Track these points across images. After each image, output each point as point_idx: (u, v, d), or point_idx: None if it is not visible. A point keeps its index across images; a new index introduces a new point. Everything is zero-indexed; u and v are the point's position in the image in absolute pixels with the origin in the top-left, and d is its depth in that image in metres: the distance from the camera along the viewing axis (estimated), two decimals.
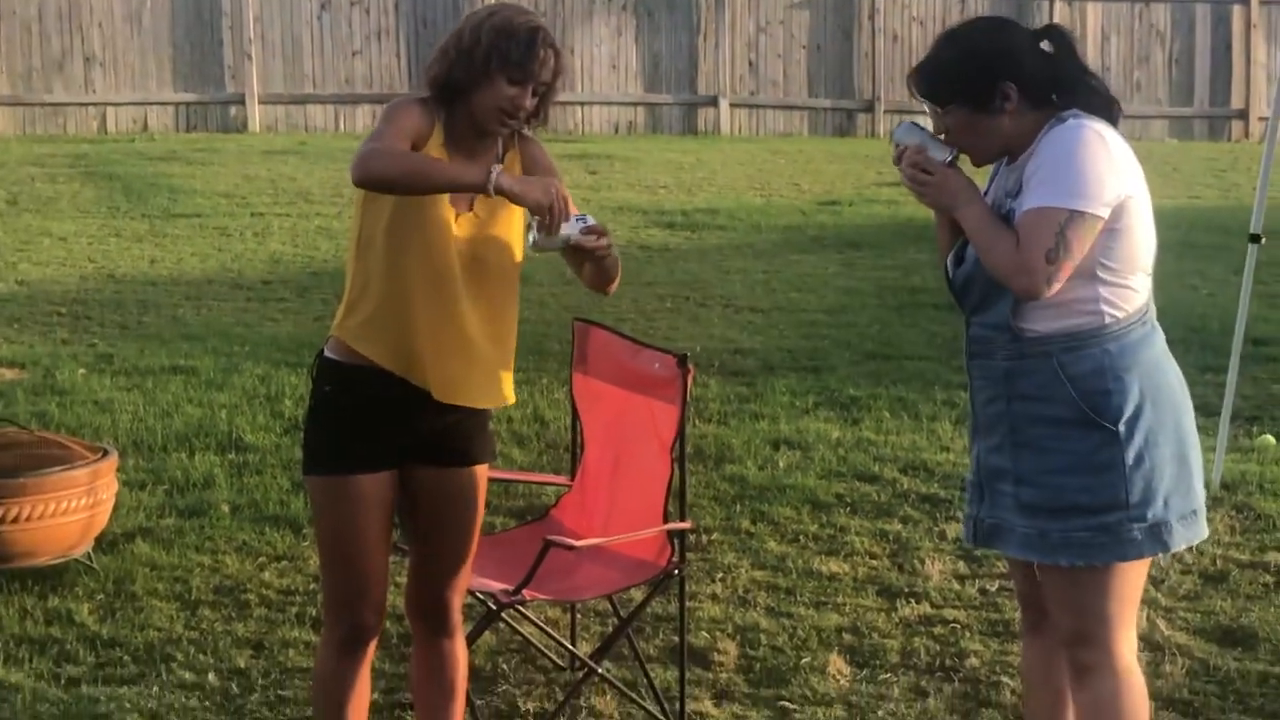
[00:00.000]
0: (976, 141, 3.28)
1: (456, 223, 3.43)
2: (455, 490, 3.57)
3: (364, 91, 18.55)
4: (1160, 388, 3.24)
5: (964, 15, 19.90)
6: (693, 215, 13.08)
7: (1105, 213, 3.12)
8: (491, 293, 3.51)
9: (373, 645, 3.62)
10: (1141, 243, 3.22)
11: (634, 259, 11.29)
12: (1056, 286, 3.13)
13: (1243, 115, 20.76)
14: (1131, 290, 3.22)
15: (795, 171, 16.01)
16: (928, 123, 3.36)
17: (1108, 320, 3.19)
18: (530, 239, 3.42)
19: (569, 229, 3.39)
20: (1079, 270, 3.14)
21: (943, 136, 3.30)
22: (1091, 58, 20.17)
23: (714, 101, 19.65)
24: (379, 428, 3.48)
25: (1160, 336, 3.30)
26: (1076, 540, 3.21)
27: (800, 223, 12.93)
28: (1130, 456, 3.18)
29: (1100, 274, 3.17)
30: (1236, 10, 20.73)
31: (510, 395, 3.62)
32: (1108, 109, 3.27)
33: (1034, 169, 3.17)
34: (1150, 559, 3.30)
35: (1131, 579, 3.29)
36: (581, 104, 19.46)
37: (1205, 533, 3.35)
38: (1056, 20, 20.04)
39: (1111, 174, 3.14)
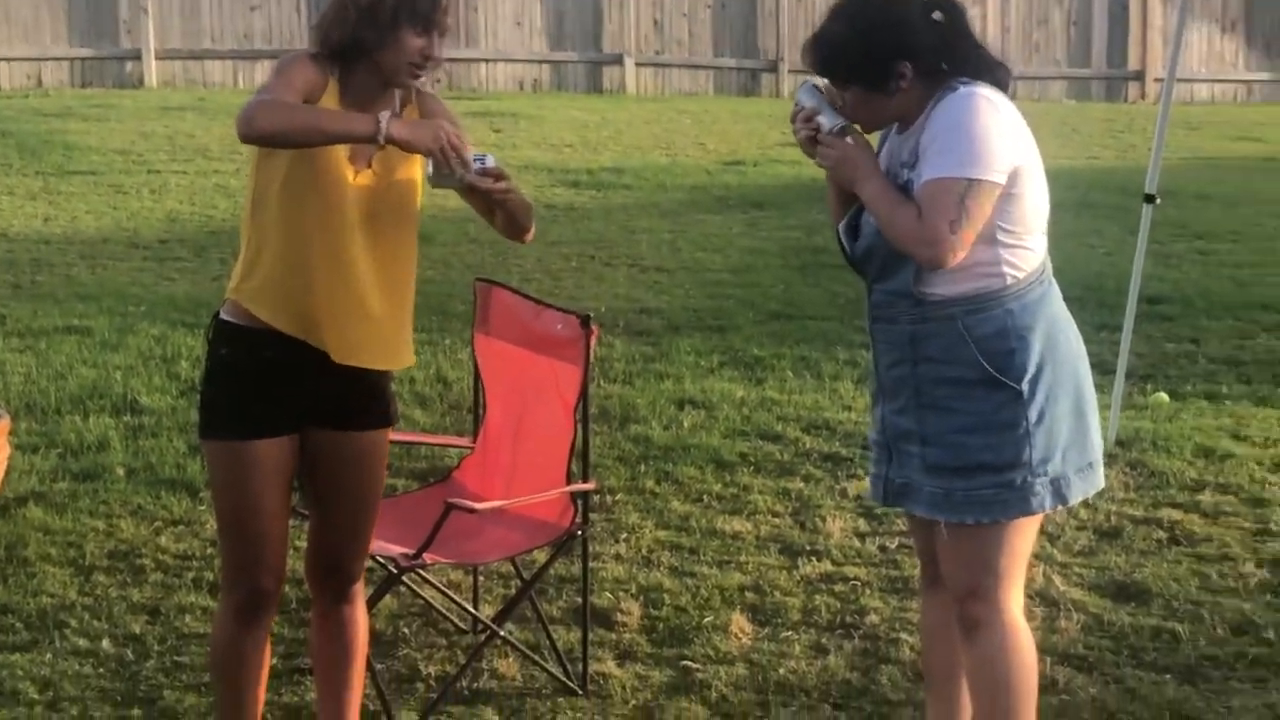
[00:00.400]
0: (871, 116, 3.32)
1: (354, 180, 3.37)
2: (355, 454, 3.53)
3: (263, 47, 18.27)
4: (1059, 344, 3.28)
5: None
6: (598, 174, 13.04)
7: (1002, 179, 3.16)
8: (390, 252, 3.46)
9: (272, 611, 3.58)
10: (1037, 204, 3.26)
11: (539, 218, 11.13)
12: (961, 254, 3.16)
13: (1139, 77, 21.01)
14: (1029, 250, 3.26)
15: (700, 131, 15.99)
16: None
17: (1009, 281, 3.23)
18: (428, 172, 3.36)
19: (469, 157, 3.33)
20: (979, 235, 3.17)
21: (839, 105, 3.31)
22: (991, 19, 20.34)
23: (619, 60, 19.57)
24: (277, 391, 3.43)
25: (1057, 292, 3.35)
26: (981, 498, 3.26)
27: (705, 182, 12.93)
28: (1033, 414, 3.23)
29: (1000, 237, 3.21)
30: None
31: (410, 357, 3.58)
32: (995, 74, 3.28)
33: (930, 139, 3.19)
34: (1042, 515, 3.35)
35: (1027, 534, 3.36)
36: (485, 61, 19.30)
37: (1101, 483, 3.41)
38: None
39: (1005, 140, 3.17)
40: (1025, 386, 3.22)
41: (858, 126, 3.33)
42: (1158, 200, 6.30)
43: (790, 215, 11.42)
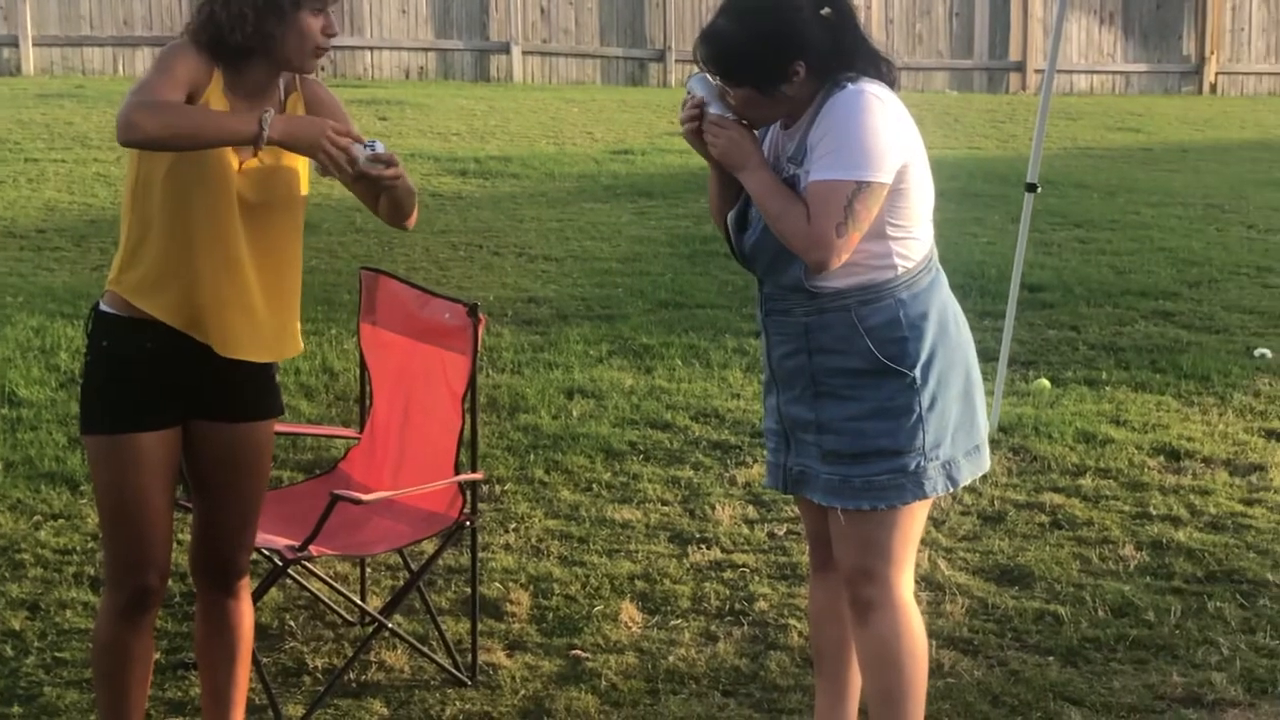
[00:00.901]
0: (762, 115, 3.32)
1: (240, 167, 3.32)
2: (240, 445, 3.48)
3: (143, 33, 17.97)
4: (949, 330, 3.33)
5: None
6: (486, 163, 12.98)
7: (890, 178, 3.19)
8: (275, 242, 3.41)
9: (157, 608, 3.52)
10: (925, 197, 3.30)
11: (426, 207, 11.17)
12: (846, 256, 3.19)
13: (1020, 68, 21.32)
14: (917, 240, 3.31)
15: (588, 120, 15.98)
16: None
17: (899, 271, 3.27)
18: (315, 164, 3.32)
19: (356, 152, 3.30)
20: (870, 229, 3.20)
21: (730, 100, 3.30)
22: (875, 10, 20.53)
23: (506, 49, 19.50)
24: (160, 382, 3.37)
25: (944, 277, 3.40)
26: (877, 484, 3.30)
27: (593, 171, 12.92)
28: (926, 400, 3.28)
29: (889, 231, 3.25)
30: None
31: (297, 345, 3.54)
32: (880, 68, 3.30)
33: (818, 137, 3.20)
34: (934, 498, 3.40)
35: (919, 517, 3.41)
36: (371, 49, 19.14)
37: (988, 465, 3.47)
38: None
39: (893, 139, 3.19)
40: (918, 373, 3.27)
41: (745, 121, 3.33)
42: (1039, 189, 6.39)
43: (679, 204, 11.45)
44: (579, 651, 4.39)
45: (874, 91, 3.21)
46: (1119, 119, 18.09)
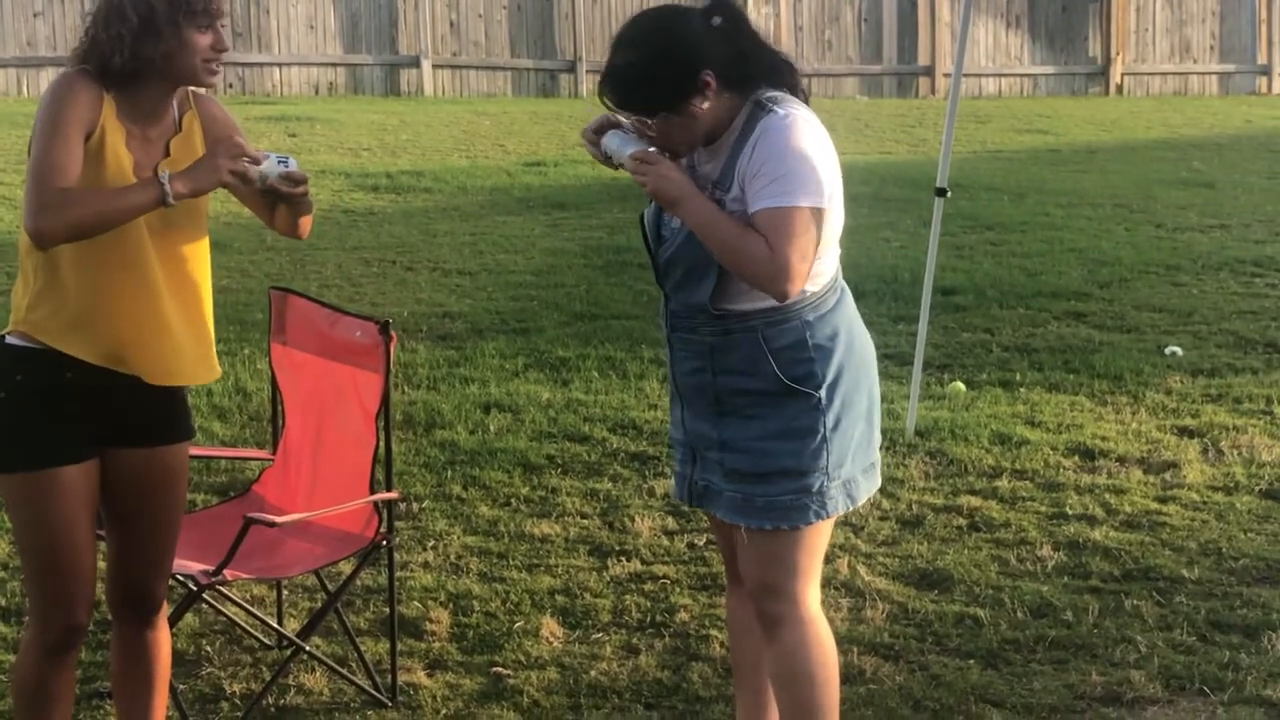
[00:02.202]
0: (685, 138, 3.24)
1: None
2: (162, 470, 3.42)
3: (47, 54, 17.71)
4: (854, 349, 3.32)
5: None
6: (397, 178, 12.90)
7: (827, 203, 3.18)
8: (187, 264, 3.35)
9: (81, 644, 3.45)
10: (839, 221, 3.28)
11: (337, 223, 11.09)
12: (803, 284, 3.17)
13: (929, 72, 21.52)
14: (828, 260, 3.28)
15: (500, 133, 15.94)
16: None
17: (806, 293, 3.24)
18: None
19: (269, 168, 3.26)
20: None
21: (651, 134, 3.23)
22: (784, 18, 20.64)
23: (416, 62, 19.41)
24: (81, 414, 3.28)
25: (849, 296, 3.38)
26: (780, 504, 3.28)
27: (506, 184, 12.88)
28: (830, 421, 3.27)
29: None
30: None
31: (218, 367, 3.49)
32: (789, 77, 3.28)
33: (756, 165, 3.14)
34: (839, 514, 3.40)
35: (825, 532, 3.40)
36: (279, 65, 18.99)
37: (879, 482, 3.49)
38: None
39: (827, 164, 3.18)
40: (823, 394, 3.25)
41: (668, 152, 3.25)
42: (948, 193, 6.44)
43: (592, 215, 11.43)
44: (500, 669, 4.35)
45: (804, 116, 3.19)
46: (1027, 121, 18.30)
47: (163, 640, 3.56)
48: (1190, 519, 5.49)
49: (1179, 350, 7.76)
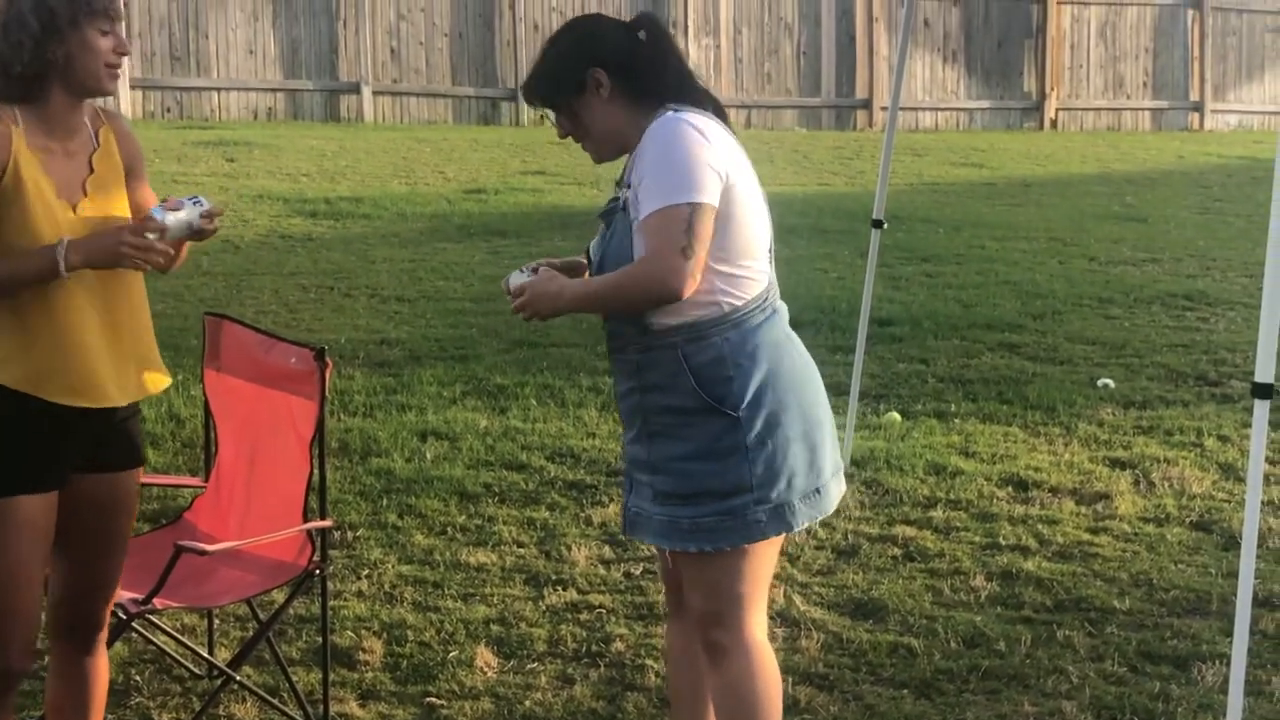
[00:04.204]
0: (587, 135, 3.34)
1: (71, 221, 3.20)
2: (122, 494, 3.38)
3: None
4: (781, 371, 3.28)
5: (601, 6, 20.18)
6: (336, 204, 12.86)
7: (717, 201, 3.16)
8: (120, 285, 3.30)
9: (21, 682, 3.38)
10: (752, 229, 3.25)
11: (275, 249, 11.03)
12: (698, 280, 3.14)
13: (867, 105, 21.69)
14: (748, 278, 3.26)
15: (440, 159, 15.92)
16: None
17: (726, 309, 3.23)
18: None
19: (189, 214, 3.24)
20: None
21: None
22: (725, 50, 20.76)
23: (356, 89, 19.36)
24: (45, 441, 3.21)
25: (782, 320, 3.35)
26: (705, 525, 3.27)
27: (446, 211, 12.86)
28: (752, 440, 3.24)
29: (714, 265, 3.19)
30: (859, 3, 21.63)
31: (165, 377, 3.44)
32: (703, 101, 3.31)
33: (642, 170, 3.18)
34: (781, 539, 3.38)
35: (761, 559, 3.36)
36: (218, 89, 18.89)
37: (830, 508, 3.41)
38: (690, 14, 20.53)
39: (713, 162, 3.17)
40: (743, 413, 3.22)
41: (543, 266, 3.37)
42: (885, 225, 6.49)
43: (531, 243, 11.43)
44: (434, 699, 4.32)
45: (690, 119, 3.20)
46: (963, 154, 18.47)
47: (103, 667, 3.51)
48: (1122, 550, 5.54)
49: (1111, 382, 7.84)
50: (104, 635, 3.50)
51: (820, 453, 3.35)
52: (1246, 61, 24.37)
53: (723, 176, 3.17)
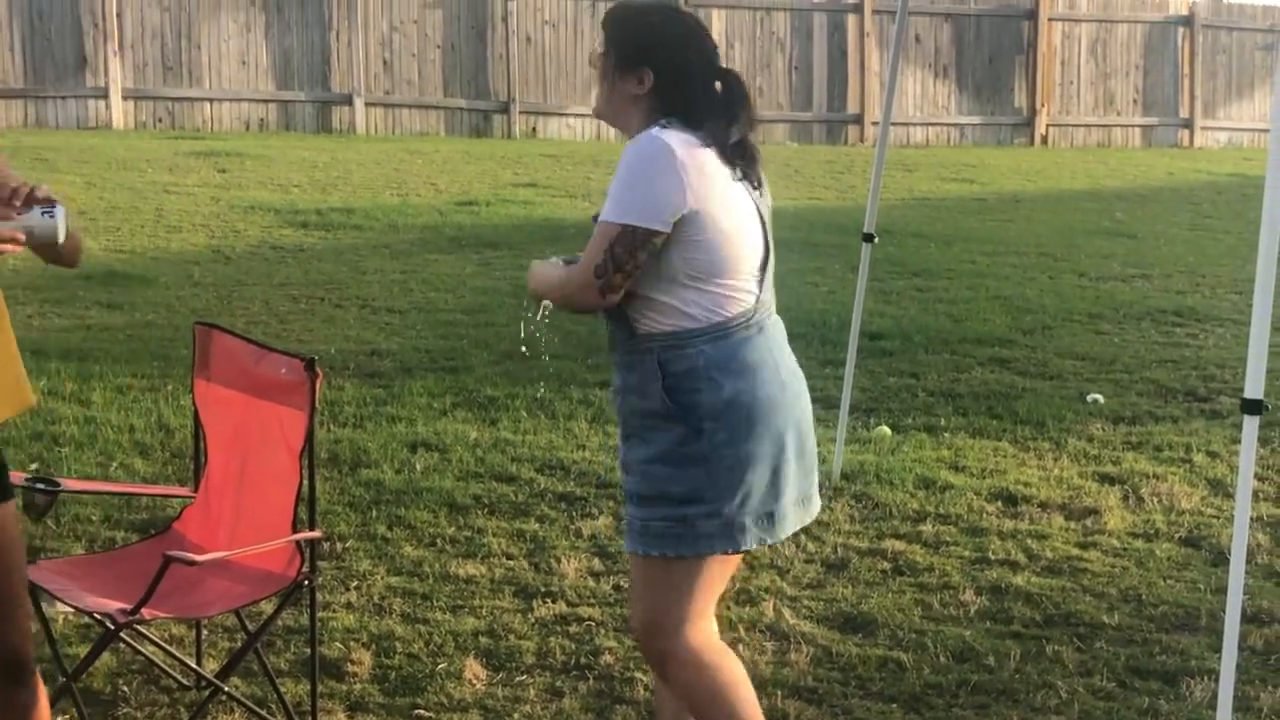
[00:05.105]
0: (606, 92, 3.38)
1: None
2: (7, 525, 3.18)
3: None
4: (755, 391, 3.27)
5: (594, 19, 20.19)
6: (327, 215, 12.85)
7: (663, 226, 3.19)
8: None
9: None
10: (729, 251, 3.26)
11: (266, 259, 11.03)
12: (613, 297, 3.23)
13: (858, 120, 21.73)
14: (730, 296, 3.27)
15: (432, 171, 15.93)
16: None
17: (704, 323, 3.25)
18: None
19: (59, 220, 3.17)
20: (667, 276, 3.23)
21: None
22: None
23: (348, 100, 19.37)
24: None
25: (768, 340, 3.34)
26: (654, 530, 3.30)
27: (437, 222, 12.86)
28: (711, 452, 3.24)
29: (687, 280, 3.24)
30: (851, 19, 21.69)
31: (30, 395, 3.35)
32: (714, 128, 3.30)
33: (614, 176, 3.27)
34: (733, 558, 3.38)
35: (708, 575, 3.35)
36: (210, 100, 18.89)
37: (783, 535, 3.38)
38: None
39: (671, 190, 3.19)
40: (706, 425, 3.23)
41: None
42: (875, 239, 6.49)
43: (523, 255, 11.43)
44: (422, 711, 4.31)
45: (667, 139, 3.22)
46: (954, 170, 18.50)
47: (42, 696, 3.31)
48: (1111, 565, 5.55)
49: (1100, 398, 7.86)
50: (32, 670, 3.26)
51: (782, 477, 3.33)
52: (1236, 79, 24.45)
53: (683, 205, 3.19)
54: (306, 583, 4.09)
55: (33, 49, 18.00)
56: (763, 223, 3.36)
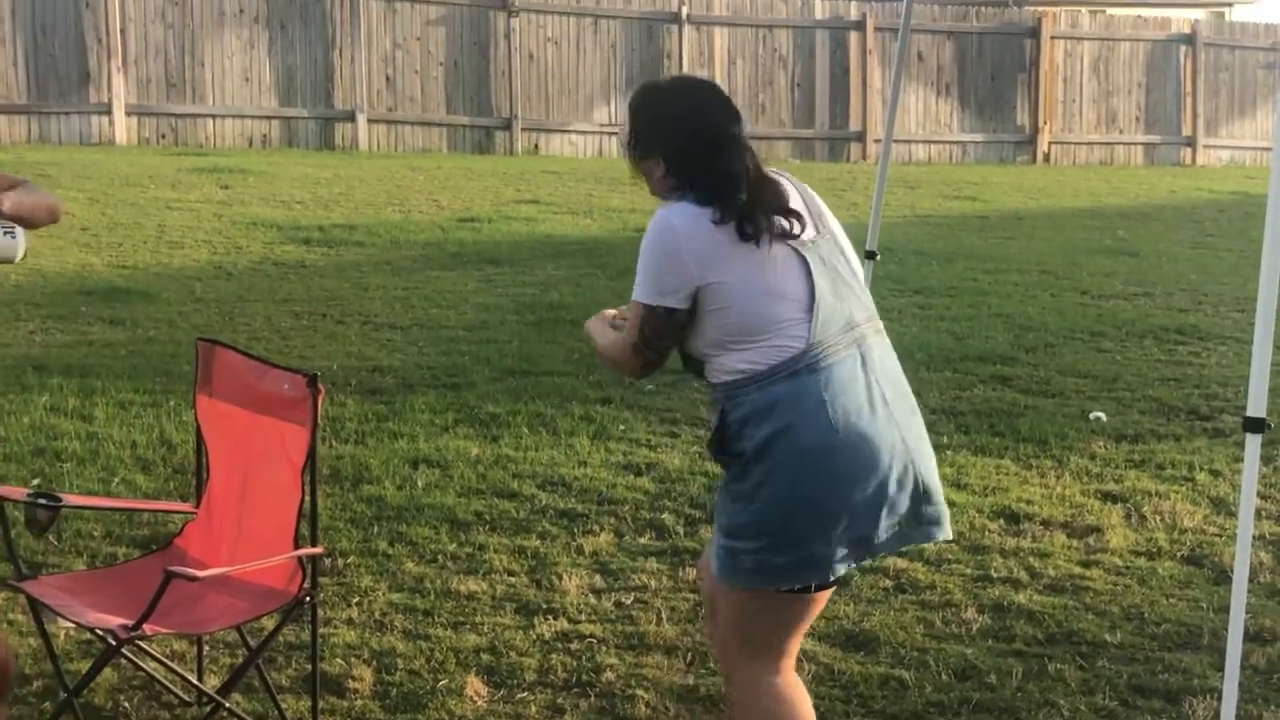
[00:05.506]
0: (647, 179, 3.52)
1: None
2: None
3: None
4: (798, 431, 3.29)
5: (596, 36, 20.26)
6: (330, 231, 12.86)
7: (679, 302, 3.35)
8: None
9: None
10: (758, 310, 3.33)
11: (268, 276, 11.03)
12: (650, 369, 3.47)
13: (860, 137, 21.76)
14: (774, 346, 3.34)
15: (434, 188, 15.94)
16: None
17: (751, 374, 3.35)
18: None
19: (19, 240, 3.18)
20: (709, 341, 3.37)
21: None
22: (718, 81, 20.81)
23: (351, 116, 19.41)
24: None
25: (824, 380, 3.32)
26: (719, 555, 3.44)
27: (439, 239, 12.88)
28: (751, 492, 3.34)
29: (726, 344, 3.37)
30: (853, 36, 21.73)
31: None
32: (723, 197, 3.38)
33: None
34: (802, 598, 3.41)
35: (762, 608, 3.41)
36: (213, 116, 18.93)
37: (825, 578, 3.39)
38: (685, 45, 20.60)
39: (676, 269, 3.33)
40: (751, 467, 3.33)
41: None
42: (877, 256, 6.50)
43: (525, 271, 11.45)
44: None
45: (675, 218, 3.35)
46: (956, 187, 18.52)
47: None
48: (1113, 583, 5.54)
49: (1103, 416, 7.85)
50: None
51: (831, 521, 3.31)
52: (1239, 97, 24.49)
53: (691, 280, 3.33)
54: (308, 599, 4.08)
55: (36, 65, 18.04)
56: (806, 267, 3.39)
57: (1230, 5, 37.62)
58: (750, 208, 3.36)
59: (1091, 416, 7.85)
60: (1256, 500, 5.09)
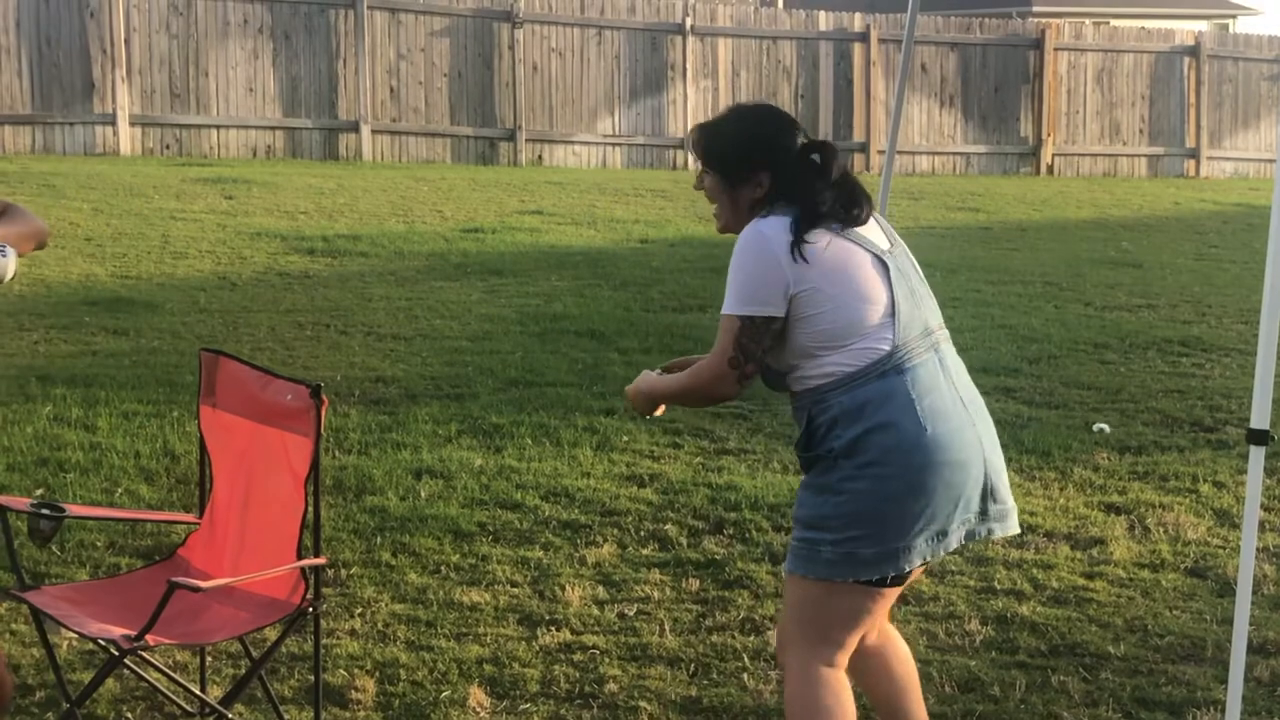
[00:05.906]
0: (722, 208, 3.59)
1: None
2: None
3: None
4: (889, 429, 3.40)
5: (600, 47, 20.30)
6: (334, 241, 12.88)
7: (776, 310, 3.42)
8: None
9: None
10: (847, 315, 3.44)
11: (272, 286, 11.04)
12: (748, 383, 3.48)
13: (864, 148, 21.78)
14: (862, 349, 3.44)
15: (438, 198, 15.96)
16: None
17: (841, 376, 3.43)
18: None
19: (9, 260, 3.18)
20: (798, 349, 3.44)
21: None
22: (722, 93, 20.86)
23: (355, 127, 19.43)
24: None
25: (907, 382, 3.44)
26: (795, 549, 3.52)
27: (443, 250, 12.89)
28: (838, 484, 3.42)
29: (814, 350, 3.45)
30: (857, 48, 21.76)
31: None
32: (816, 210, 3.47)
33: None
34: (875, 591, 3.47)
35: (836, 600, 3.49)
36: (217, 127, 18.95)
37: (907, 568, 3.46)
38: (689, 56, 20.63)
39: (770, 277, 3.41)
40: (837, 460, 3.42)
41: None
42: None
43: (529, 282, 11.45)
44: None
45: (765, 228, 3.44)
46: (960, 199, 18.52)
47: None
48: (1116, 595, 5.53)
49: (1106, 428, 7.85)
50: None
51: (916, 516, 3.42)
52: (1243, 109, 24.50)
53: (788, 287, 3.41)
54: (311, 610, 4.08)
55: (41, 75, 18.08)
56: (888, 273, 3.49)
57: (1234, 17, 37.68)
58: (839, 216, 3.50)
59: (1095, 428, 7.84)
60: (1260, 512, 5.08)
